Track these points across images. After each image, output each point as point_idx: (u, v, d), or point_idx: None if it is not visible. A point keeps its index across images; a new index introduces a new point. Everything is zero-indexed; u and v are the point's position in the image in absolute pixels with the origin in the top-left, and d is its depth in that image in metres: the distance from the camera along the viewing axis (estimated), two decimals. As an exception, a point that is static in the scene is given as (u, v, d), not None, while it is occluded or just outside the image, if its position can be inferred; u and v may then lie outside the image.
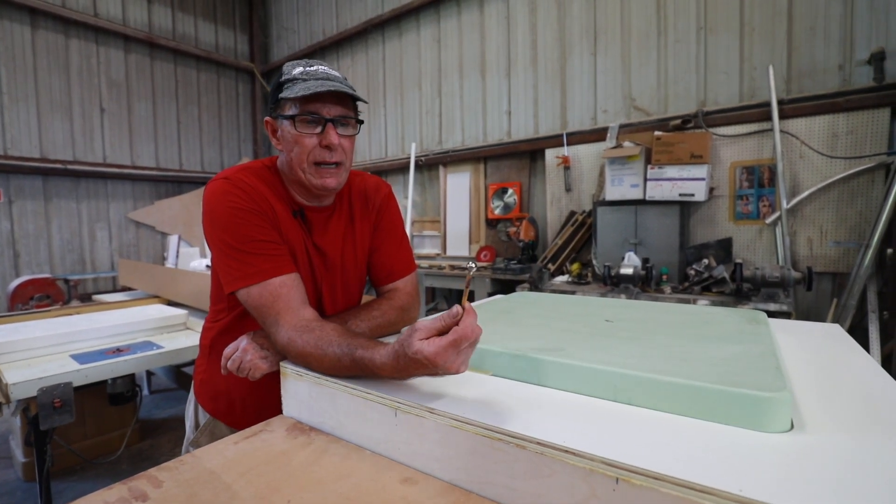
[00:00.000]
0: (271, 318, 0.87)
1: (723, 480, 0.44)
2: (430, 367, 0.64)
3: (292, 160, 0.94)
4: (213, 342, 1.06)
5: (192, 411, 1.13)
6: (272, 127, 0.97)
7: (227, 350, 0.91)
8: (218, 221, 0.90)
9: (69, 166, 5.15)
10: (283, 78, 0.92)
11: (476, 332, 0.63)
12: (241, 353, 0.89)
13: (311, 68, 0.92)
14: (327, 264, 1.04)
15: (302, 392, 0.82)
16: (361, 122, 0.97)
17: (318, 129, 0.91)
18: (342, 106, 0.93)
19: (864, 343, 2.35)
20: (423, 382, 0.74)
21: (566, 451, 0.51)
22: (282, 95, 0.90)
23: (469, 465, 0.59)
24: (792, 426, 0.55)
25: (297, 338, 0.83)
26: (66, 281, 5.01)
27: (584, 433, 0.55)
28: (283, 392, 0.86)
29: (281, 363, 0.87)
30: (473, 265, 0.71)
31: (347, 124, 0.95)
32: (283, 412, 0.86)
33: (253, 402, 1.02)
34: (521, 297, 1.33)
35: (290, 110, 0.91)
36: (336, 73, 0.94)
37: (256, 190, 0.94)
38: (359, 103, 0.97)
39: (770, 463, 0.48)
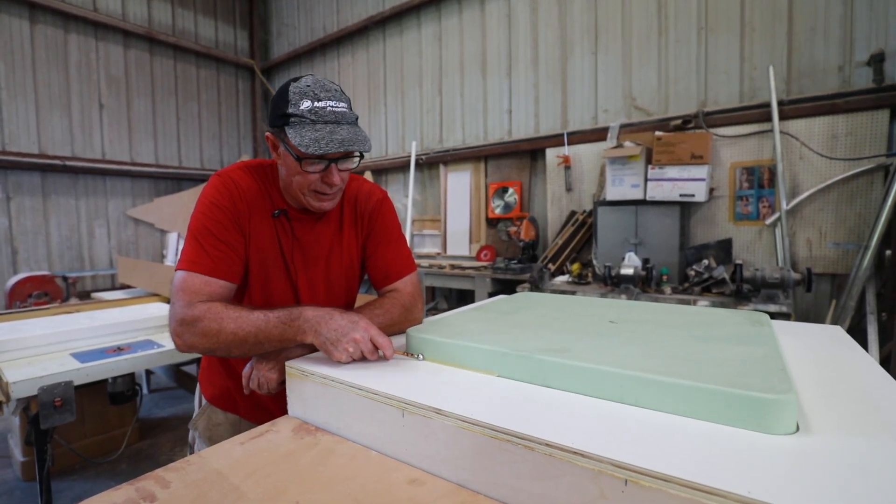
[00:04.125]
0: (189, 298, 0.88)
1: (731, 482, 0.44)
2: (351, 327, 0.83)
3: (292, 184, 0.97)
4: None
5: (198, 394, 1.21)
6: (273, 143, 0.98)
7: (245, 371, 0.95)
8: (195, 211, 0.98)
9: (68, 162, 5.13)
10: (290, 110, 0.90)
11: (386, 353, 0.83)
12: (255, 371, 0.93)
13: (320, 104, 0.90)
14: (307, 259, 1.06)
15: (307, 393, 0.82)
16: (362, 157, 0.98)
17: (322, 168, 0.93)
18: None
19: (863, 344, 2.36)
20: (429, 384, 0.74)
21: (575, 453, 0.51)
22: (289, 131, 0.89)
23: (476, 465, 0.60)
24: (798, 428, 0.56)
25: (218, 305, 0.87)
26: (65, 278, 4.98)
27: (591, 434, 0.55)
28: (288, 393, 0.86)
29: (287, 364, 0.86)
30: (422, 357, 0.86)
31: (349, 158, 0.96)
32: (289, 412, 0.86)
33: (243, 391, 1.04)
34: (524, 297, 1.33)
35: (295, 148, 0.91)
36: (343, 108, 0.92)
37: (240, 187, 0.98)
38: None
39: (777, 465, 0.48)
